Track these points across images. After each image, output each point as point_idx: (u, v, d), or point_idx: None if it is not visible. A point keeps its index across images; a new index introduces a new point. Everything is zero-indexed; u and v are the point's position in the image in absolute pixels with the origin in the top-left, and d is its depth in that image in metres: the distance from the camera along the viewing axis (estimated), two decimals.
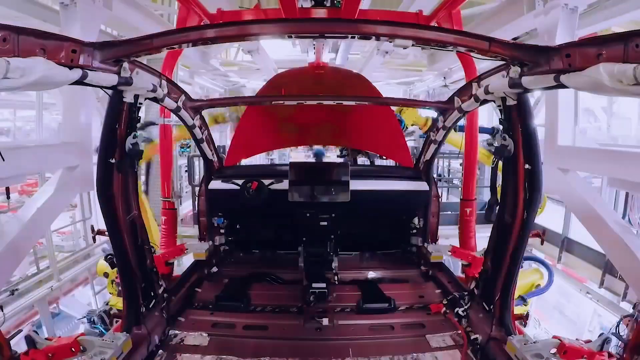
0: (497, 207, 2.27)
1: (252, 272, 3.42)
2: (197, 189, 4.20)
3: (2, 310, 2.25)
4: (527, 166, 1.99)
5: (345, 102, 3.24)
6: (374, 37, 1.74)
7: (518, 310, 2.78)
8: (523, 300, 3.26)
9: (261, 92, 4.15)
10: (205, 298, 2.95)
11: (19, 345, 1.76)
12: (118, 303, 3.12)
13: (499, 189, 2.25)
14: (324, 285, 2.95)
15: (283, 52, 8.93)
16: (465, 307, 2.56)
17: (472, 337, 2.35)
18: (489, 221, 2.40)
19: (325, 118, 4.01)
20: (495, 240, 2.31)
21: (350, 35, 1.79)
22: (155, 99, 2.17)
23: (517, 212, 2.09)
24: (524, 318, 2.50)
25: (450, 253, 3.39)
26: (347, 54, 7.30)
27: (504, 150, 2.02)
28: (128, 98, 1.91)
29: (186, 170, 6.64)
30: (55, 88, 1.24)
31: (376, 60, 7.16)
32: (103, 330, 4.00)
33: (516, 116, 1.96)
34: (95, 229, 3.09)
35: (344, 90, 3.86)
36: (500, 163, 2.19)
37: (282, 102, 3.15)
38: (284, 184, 3.28)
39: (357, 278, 3.36)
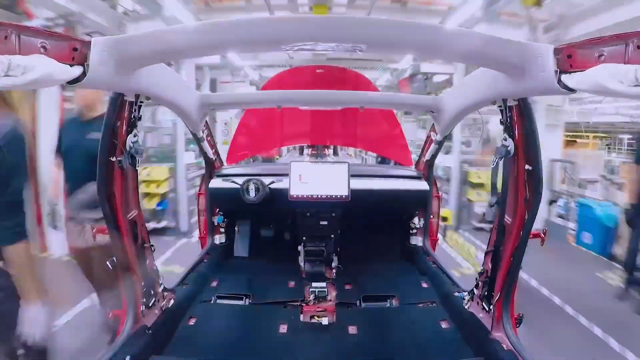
0: (498, 208, 2.27)
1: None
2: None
3: None
4: (527, 167, 1.99)
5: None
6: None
7: None
8: None
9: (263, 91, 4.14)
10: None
11: None
12: None
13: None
14: (323, 284, 2.96)
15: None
16: (465, 307, 2.56)
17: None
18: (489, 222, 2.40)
19: (325, 117, 4.01)
20: (495, 240, 2.31)
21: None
22: None
23: (517, 212, 2.09)
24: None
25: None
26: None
27: (504, 151, 2.03)
28: (129, 96, 1.91)
29: None
30: (56, 85, 1.24)
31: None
32: None
33: (517, 117, 1.96)
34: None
35: (344, 89, 3.86)
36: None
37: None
38: (284, 183, 3.29)
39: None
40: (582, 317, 4.21)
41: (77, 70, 1.36)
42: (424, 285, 3.23)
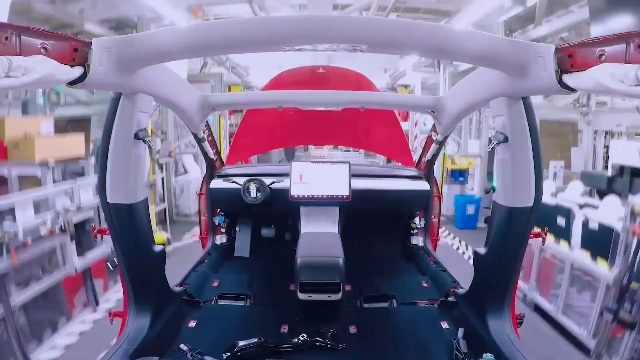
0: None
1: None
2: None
3: None
4: None
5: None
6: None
7: None
8: None
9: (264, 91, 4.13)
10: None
11: None
12: None
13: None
14: None
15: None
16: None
17: None
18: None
19: (326, 117, 4.00)
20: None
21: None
22: None
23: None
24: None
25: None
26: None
27: (501, 136, 1.97)
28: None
29: None
30: (56, 85, 1.24)
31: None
32: None
33: None
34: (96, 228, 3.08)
35: (345, 90, 3.85)
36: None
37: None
38: (285, 183, 3.28)
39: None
40: None
41: (77, 71, 1.36)
42: (425, 285, 3.23)
